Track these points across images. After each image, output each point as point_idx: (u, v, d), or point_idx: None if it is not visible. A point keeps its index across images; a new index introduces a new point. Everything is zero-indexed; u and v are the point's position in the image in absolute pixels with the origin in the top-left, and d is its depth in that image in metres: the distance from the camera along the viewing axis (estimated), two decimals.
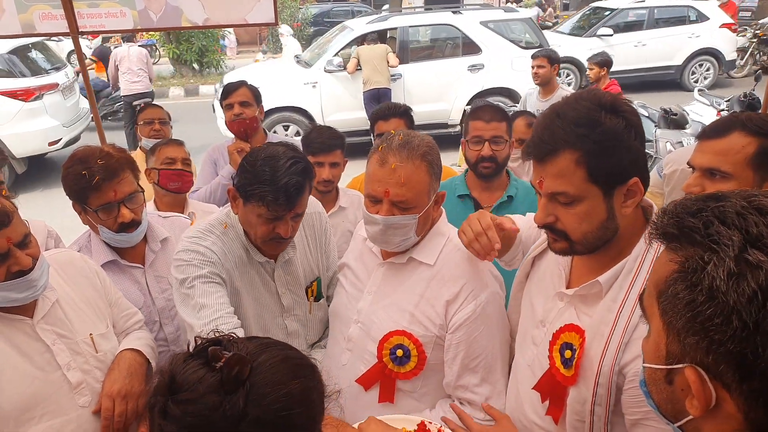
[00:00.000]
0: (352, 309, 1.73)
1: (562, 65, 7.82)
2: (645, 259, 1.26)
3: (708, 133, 1.54)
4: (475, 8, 9.92)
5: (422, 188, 1.54)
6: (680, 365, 0.74)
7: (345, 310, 1.77)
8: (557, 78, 4.90)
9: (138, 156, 3.50)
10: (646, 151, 5.08)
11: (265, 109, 7.63)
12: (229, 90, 3.15)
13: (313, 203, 1.95)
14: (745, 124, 1.48)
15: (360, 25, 8.79)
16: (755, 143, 1.46)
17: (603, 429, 1.28)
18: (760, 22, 13.58)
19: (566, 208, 1.25)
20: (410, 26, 8.85)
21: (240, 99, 3.09)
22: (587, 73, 5.71)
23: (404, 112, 2.80)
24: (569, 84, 10.85)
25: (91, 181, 1.83)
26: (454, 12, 9.08)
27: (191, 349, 0.93)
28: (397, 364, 1.61)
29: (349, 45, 8.62)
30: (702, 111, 7.86)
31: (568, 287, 1.40)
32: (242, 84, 3.21)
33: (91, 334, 1.66)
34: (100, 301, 1.75)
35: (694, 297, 0.71)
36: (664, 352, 0.78)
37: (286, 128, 8.34)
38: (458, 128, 8.65)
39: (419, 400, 1.65)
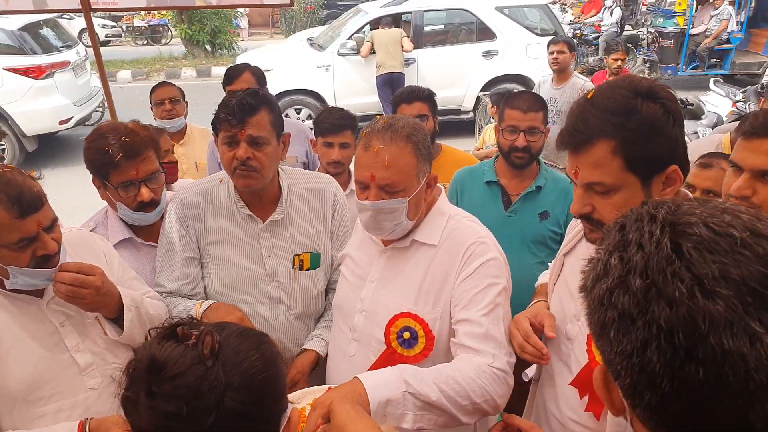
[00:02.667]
0: (356, 298, 1.69)
1: None
2: None
3: (754, 132, 1.44)
4: None
5: (409, 170, 1.51)
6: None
7: (348, 300, 1.73)
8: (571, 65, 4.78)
9: None
10: None
11: (278, 92, 7.73)
12: (232, 76, 3.06)
13: (325, 180, 2.00)
14: None
15: (374, 9, 8.69)
16: None
17: None
18: (587, 21, 13.18)
19: (603, 197, 1.21)
20: (425, 10, 8.73)
21: (243, 86, 2.94)
22: (613, 65, 5.48)
23: (428, 96, 2.76)
24: None
25: (114, 158, 1.81)
26: None
27: (154, 336, 0.97)
28: (406, 348, 1.57)
29: (362, 28, 8.53)
30: (717, 102, 7.76)
31: None
32: (245, 68, 3.11)
33: (97, 316, 1.63)
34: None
35: (586, 295, 0.73)
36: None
37: (299, 111, 8.28)
38: (471, 114, 8.57)
39: None
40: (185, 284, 1.87)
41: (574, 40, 11.73)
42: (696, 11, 11.35)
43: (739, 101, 7.67)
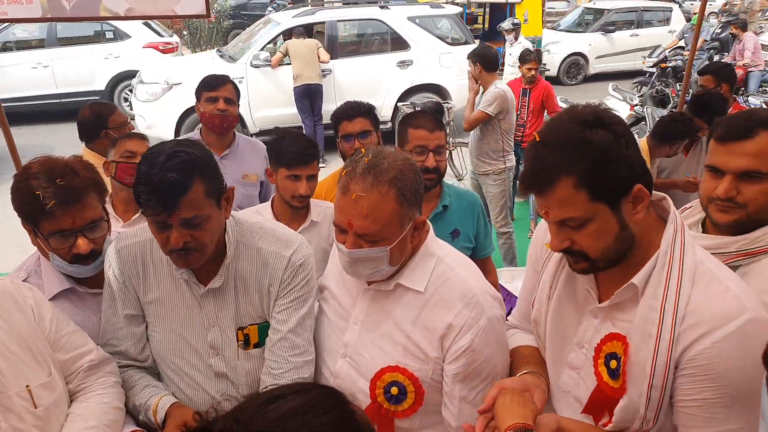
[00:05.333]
0: (338, 341, 1.57)
1: None
2: (675, 249, 1.22)
3: (731, 135, 1.49)
4: (402, 3, 9.88)
5: (390, 219, 1.38)
6: None
7: (329, 341, 1.60)
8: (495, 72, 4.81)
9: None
10: None
11: (189, 106, 7.35)
12: (214, 83, 3.00)
13: (283, 240, 1.64)
14: (766, 122, 1.47)
15: (286, 19, 8.48)
16: None
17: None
18: None
19: (578, 230, 1.22)
20: (338, 20, 8.66)
21: (226, 95, 2.95)
22: (527, 74, 5.64)
23: (369, 111, 2.62)
24: None
25: (45, 205, 1.51)
26: (381, 7, 8.98)
27: None
28: (393, 403, 1.47)
29: (275, 39, 8.32)
30: (616, 106, 8.26)
31: (600, 303, 1.34)
32: (228, 80, 3.05)
33: (28, 386, 1.36)
34: (38, 342, 1.43)
35: None
36: None
37: None
38: (389, 125, 8.59)
39: None
40: (132, 345, 1.65)
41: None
42: None
43: (636, 105, 8.24)
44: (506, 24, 8.80)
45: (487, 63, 4.70)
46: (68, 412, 1.46)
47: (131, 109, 8.59)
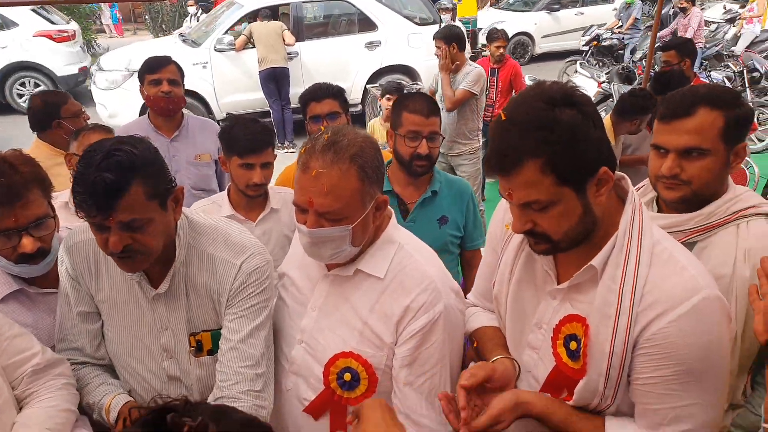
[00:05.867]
0: (295, 327, 1.53)
1: None
2: (633, 230, 1.21)
3: (672, 114, 1.51)
4: None
5: (352, 196, 1.34)
6: None
7: (287, 327, 1.57)
8: (463, 53, 4.77)
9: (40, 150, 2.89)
10: None
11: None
12: (155, 65, 2.92)
13: (235, 247, 1.53)
14: (707, 98, 1.49)
15: (250, 1, 8.29)
16: (721, 116, 1.48)
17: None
18: None
19: (541, 213, 1.19)
20: (303, 1, 8.49)
21: (169, 76, 2.88)
22: (496, 53, 5.60)
23: (338, 93, 2.56)
24: None
25: None
26: None
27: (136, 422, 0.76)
28: (346, 390, 1.44)
29: (239, 22, 8.13)
30: (583, 83, 8.32)
31: (559, 284, 1.33)
32: (170, 60, 2.98)
33: None
34: None
35: None
36: None
37: None
38: (359, 107, 8.50)
39: None
40: (88, 342, 1.59)
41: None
42: None
43: (603, 82, 8.31)
44: (446, 1, 8.68)
45: (461, 43, 4.70)
46: (14, 421, 1.39)
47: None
